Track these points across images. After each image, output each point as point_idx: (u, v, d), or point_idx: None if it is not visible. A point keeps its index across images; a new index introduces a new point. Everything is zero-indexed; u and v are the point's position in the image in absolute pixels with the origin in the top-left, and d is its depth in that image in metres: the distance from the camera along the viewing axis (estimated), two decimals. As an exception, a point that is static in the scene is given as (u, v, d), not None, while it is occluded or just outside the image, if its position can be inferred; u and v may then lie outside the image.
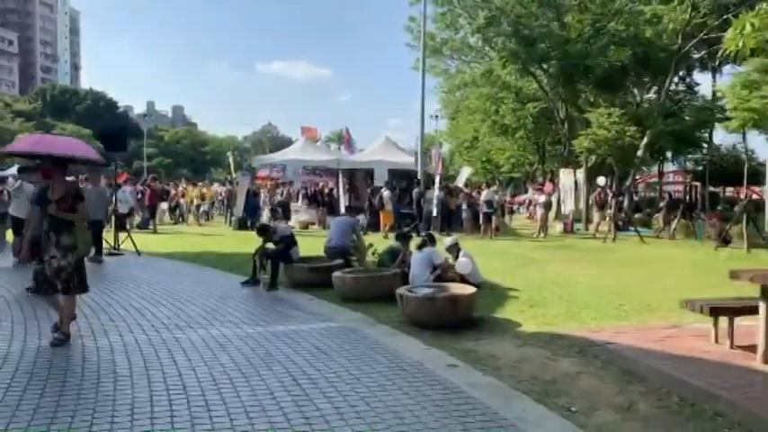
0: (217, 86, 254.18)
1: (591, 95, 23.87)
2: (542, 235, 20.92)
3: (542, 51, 21.70)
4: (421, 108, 23.09)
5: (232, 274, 10.94)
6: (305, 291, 9.12)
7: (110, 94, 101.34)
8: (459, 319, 6.80)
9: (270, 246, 9.81)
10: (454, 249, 9.28)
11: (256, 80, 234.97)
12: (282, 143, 80.00)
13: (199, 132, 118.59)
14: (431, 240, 9.03)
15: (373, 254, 9.90)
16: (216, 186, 27.28)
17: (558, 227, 22.83)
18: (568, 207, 24.09)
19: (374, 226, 20.29)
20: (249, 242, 17.32)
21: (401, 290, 7.23)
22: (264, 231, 9.68)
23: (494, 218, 20.32)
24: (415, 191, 20.82)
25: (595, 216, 22.30)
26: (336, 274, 8.53)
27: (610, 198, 19.66)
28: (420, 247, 8.74)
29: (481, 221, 20.28)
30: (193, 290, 9.23)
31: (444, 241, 9.51)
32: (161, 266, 11.85)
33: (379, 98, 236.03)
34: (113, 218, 13.87)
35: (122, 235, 13.66)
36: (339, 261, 9.75)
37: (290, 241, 9.60)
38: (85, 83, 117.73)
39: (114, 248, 13.51)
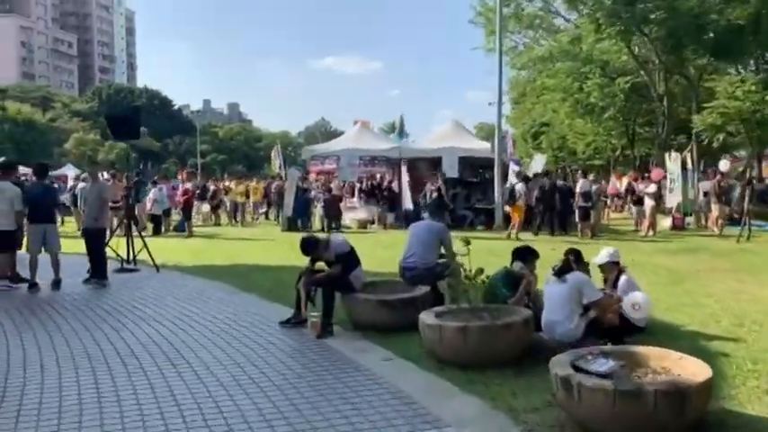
0: (270, 84, 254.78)
1: (703, 63, 19.81)
2: (651, 233, 17.15)
3: (644, 11, 17.81)
4: (498, 82, 19.65)
5: (272, 302, 7.89)
6: (375, 337, 5.96)
7: (166, 93, 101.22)
8: (686, 425, 3.47)
9: (320, 265, 6.68)
10: (613, 269, 5.92)
11: (308, 77, 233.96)
12: (336, 137, 77.60)
13: (253, 128, 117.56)
14: (577, 260, 5.67)
15: (476, 278, 6.25)
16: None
17: (665, 222, 18.94)
18: (676, 198, 20.11)
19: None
20: (297, 249, 14.26)
21: (561, 362, 3.93)
22: (311, 247, 6.50)
23: (592, 214, 16.70)
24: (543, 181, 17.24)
25: (714, 209, 18.29)
26: (428, 319, 5.28)
27: (740, 186, 15.70)
28: (560, 273, 5.39)
29: (577, 218, 16.69)
30: (207, 336, 6.17)
31: (600, 255, 6.08)
32: (179, 289, 8.86)
33: (429, 90, 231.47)
34: (130, 222, 11.01)
35: (138, 244, 10.78)
36: (424, 290, 6.50)
37: (349, 261, 6.41)
38: (142, 82, 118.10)
39: (127, 262, 10.65)
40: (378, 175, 24.54)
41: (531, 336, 5.21)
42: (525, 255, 6.09)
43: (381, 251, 13.23)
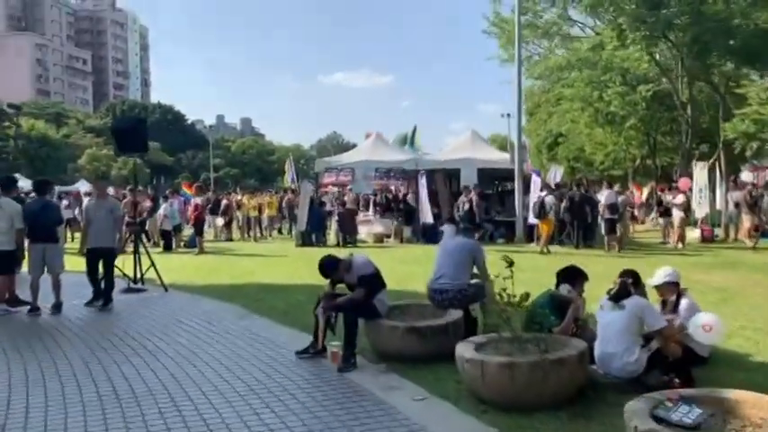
0: (282, 99, 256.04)
1: (731, 69, 19.05)
2: (681, 245, 16.38)
3: (669, 16, 17.11)
4: (518, 90, 19.03)
5: (287, 326, 7.28)
6: (403, 370, 5.33)
7: (180, 108, 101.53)
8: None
9: (341, 287, 6.07)
10: (672, 291, 5.24)
11: (319, 92, 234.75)
12: (348, 149, 77.28)
13: (266, 142, 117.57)
14: (635, 283, 5.00)
15: (522, 304, 5.51)
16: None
17: (693, 234, 18.13)
18: (704, 209, 19.33)
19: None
20: (312, 266, 13.72)
21: (638, 412, 3.26)
22: (331, 269, 5.88)
23: (618, 226, 15.96)
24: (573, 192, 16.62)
25: (746, 219, 17.48)
26: (467, 353, 4.62)
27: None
28: (617, 297, 4.73)
29: (603, 231, 15.96)
30: (217, 370, 5.55)
31: (656, 274, 5.39)
32: (187, 313, 8.25)
33: (440, 102, 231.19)
34: (137, 239, 10.46)
35: (145, 261, 10.22)
36: (456, 315, 5.85)
37: (373, 284, 5.78)
38: (155, 98, 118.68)
39: (134, 282, 10.09)
40: (392, 188, 23.98)
41: (586, 372, 4.55)
42: (573, 276, 5.42)
43: (400, 267, 12.62)
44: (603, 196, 15.75)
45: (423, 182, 18.21)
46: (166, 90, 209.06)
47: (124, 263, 9.95)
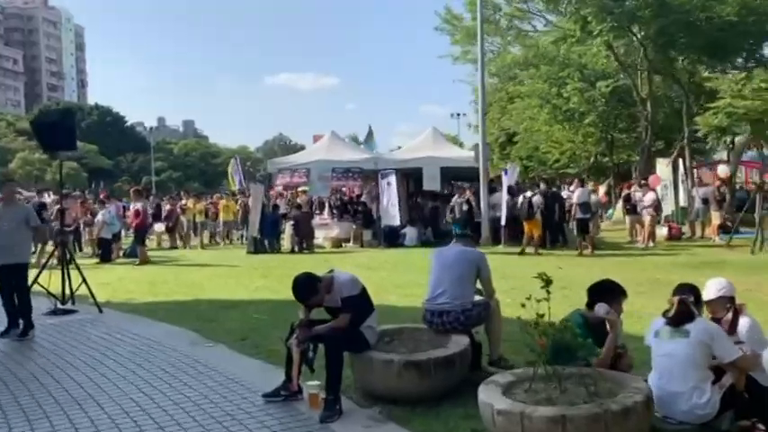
0: (226, 100, 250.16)
1: (693, 62, 18.68)
2: (651, 244, 15.84)
3: (634, 7, 16.49)
4: (481, 84, 18.20)
5: (248, 356, 6.07)
6: (403, 418, 4.23)
7: (120, 111, 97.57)
8: None
9: (316, 308, 4.90)
10: (725, 307, 4.27)
11: (264, 92, 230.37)
12: (296, 151, 75.61)
13: (209, 144, 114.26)
14: (698, 301, 4.02)
15: (565, 332, 4.20)
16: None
17: (661, 231, 17.65)
18: (669, 206, 18.93)
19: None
20: (269, 276, 12.73)
21: None
22: (309, 291, 4.67)
23: (590, 226, 15.26)
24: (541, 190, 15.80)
25: (715, 216, 17.11)
26: (497, 401, 3.52)
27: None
28: (679, 321, 3.75)
29: (576, 232, 15.26)
30: (162, 424, 4.31)
31: (707, 288, 4.37)
32: (126, 342, 6.91)
33: (385, 104, 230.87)
34: (64, 250, 8.99)
35: (76, 277, 8.76)
36: (462, 343, 4.77)
37: (361, 307, 4.65)
38: (93, 100, 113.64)
39: (61, 302, 8.63)
40: (344, 189, 22.84)
41: (649, 415, 3.53)
42: (610, 293, 4.38)
43: (367, 274, 11.45)
44: (575, 195, 15.03)
45: (386, 182, 17.13)
46: (105, 91, 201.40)
47: (50, 279, 8.50)
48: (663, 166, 19.25)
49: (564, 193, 18.22)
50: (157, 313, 8.37)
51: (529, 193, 14.95)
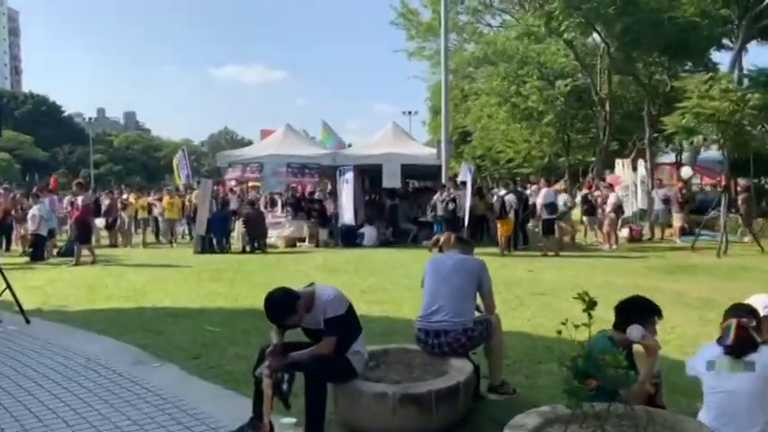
0: (169, 92, 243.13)
1: (654, 64, 18.57)
2: (614, 246, 15.58)
3: (599, 4, 16.10)
4: (443, 75, 17.61)
5: (203, 378, 5.21)
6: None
7: (57, 100, 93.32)
8: None
9: (291, 333, 4.07)
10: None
11: (210, 84, 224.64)
12: (244, 145, 73.68)
13: (152, 137, 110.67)
14: (759, 326, 3.37)
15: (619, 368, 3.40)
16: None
17: (621, 233, 17.42)
18: (630, 208, 18.74)
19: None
20: (220, 279, 11.41)
21: None
22: (286, 311, 3.80)
23: (556, 228, 14.84)
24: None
25: (677, 218, 17.00)
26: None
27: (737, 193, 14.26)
28: (740, 351, 3.10)
29: (541, 233, 14.82)
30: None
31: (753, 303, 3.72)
32: (56, 360, 5.90)
33: (336, 100, 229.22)
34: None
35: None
36: (466, 369, 4.04)
37: (347, 328, 3.85)
38: (27, 88, 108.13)
39: (-20, 312, 7.49)
40: (296, 185, 21.90)
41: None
42: (643, 312, 3.70)
43: (324, 276, 10.66)
44: (541, 195, 14.56)
45: (344, 179, 16.31)
46: (41, 79, 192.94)
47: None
48: (621, 167, 19.08)
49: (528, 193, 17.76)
50: (95, 324, 7.34)
51: (502, 192, 14.51)
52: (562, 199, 15.11)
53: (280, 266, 12.72)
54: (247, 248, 16.10)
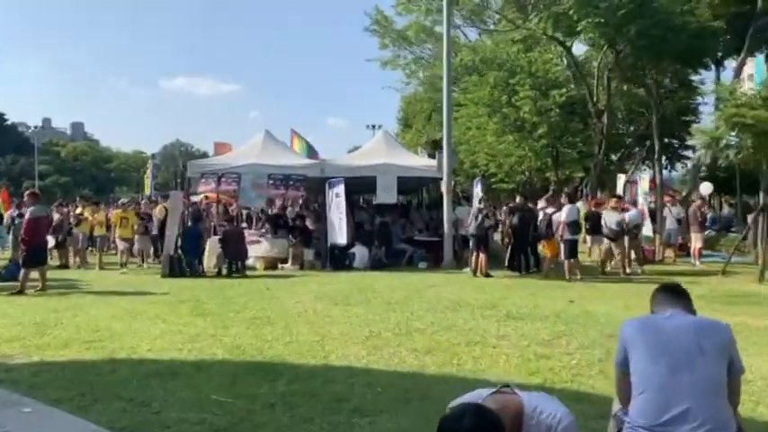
0: (119, 104, 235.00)
1: (663, 72, 17.34)
2: (638, 270, 14.14)
3: (615, 5, 14.65)
4: (446, 80, 15.93)
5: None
6: None
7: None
8: None
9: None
10: None
11: (160, 97, 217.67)
12: (198, 158, 70.65)
13: (102, 148, 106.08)
14: None
15: None
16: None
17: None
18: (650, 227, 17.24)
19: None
20: (206, 314, 8.69)
21: None
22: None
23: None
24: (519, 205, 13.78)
25: (695, 238, 15.67)
26: None
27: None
28: None
29: (563, 256, 13.19)
30: None
31: None
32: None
33: (289, 114, 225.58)
34: None
35: None
36: None
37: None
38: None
39: None
40: (275, 200, 19.91)
41: None
42: None
43: (336, 311, 8.77)
44: (564, 212, 12.94)
45: (334, 192, 14.45)
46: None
47: None
48: (622, 183, 17.80)
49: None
50: (48, 388, 5.29)
51: (550, 210, 13.07)
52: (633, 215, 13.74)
53: (270, 295, 10.72)
54: (224, 271, 14.04)
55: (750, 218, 17.24)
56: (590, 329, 7.59)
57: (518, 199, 14.51)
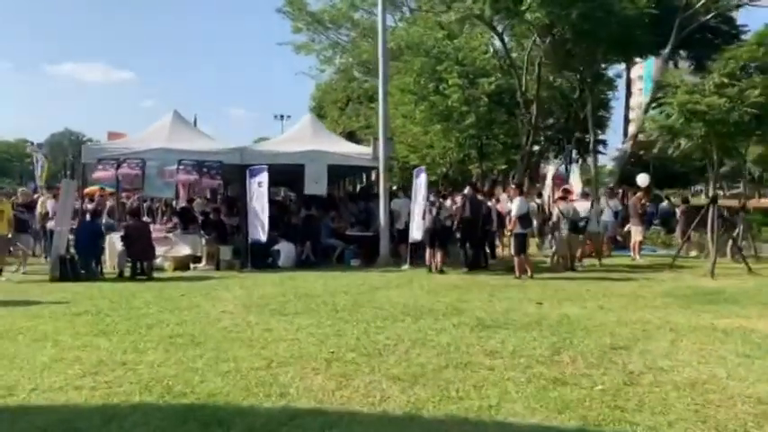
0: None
1: (600, 60, 16.84)
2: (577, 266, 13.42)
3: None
4: (382, 66, 14.58)
5: None
6: None
7: None
8: None
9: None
10: None
11: (45, 83, 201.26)
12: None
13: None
14: None
15: None
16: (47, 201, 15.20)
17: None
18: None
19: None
20: (111, 332, 6.70)
21: None
22: None
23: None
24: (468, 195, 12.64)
25: (636, 232, 15.24)
26: None
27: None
28: None
29: (513, 250, 12.24)
30: None
31: None
32: None
33: (188, 104, 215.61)
34: None
35: None
36: None
37: None
38: None
39: None
40: (182, 191, 17.80)
41: None
42: None
43: (280, 325, 7.15)
44: (515, 204, 11.95)
45: (256, 182, 12.76)
46: None
47: None
48: (574, 177, 17.20)
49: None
50: None
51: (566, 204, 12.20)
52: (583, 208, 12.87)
53: (188, 304, 8.94)
54: (126, 273, 12.03)
55: (678, 210, 17.11)
56: (585, 339, 6.49)
57: (466, 189, 13.31)
